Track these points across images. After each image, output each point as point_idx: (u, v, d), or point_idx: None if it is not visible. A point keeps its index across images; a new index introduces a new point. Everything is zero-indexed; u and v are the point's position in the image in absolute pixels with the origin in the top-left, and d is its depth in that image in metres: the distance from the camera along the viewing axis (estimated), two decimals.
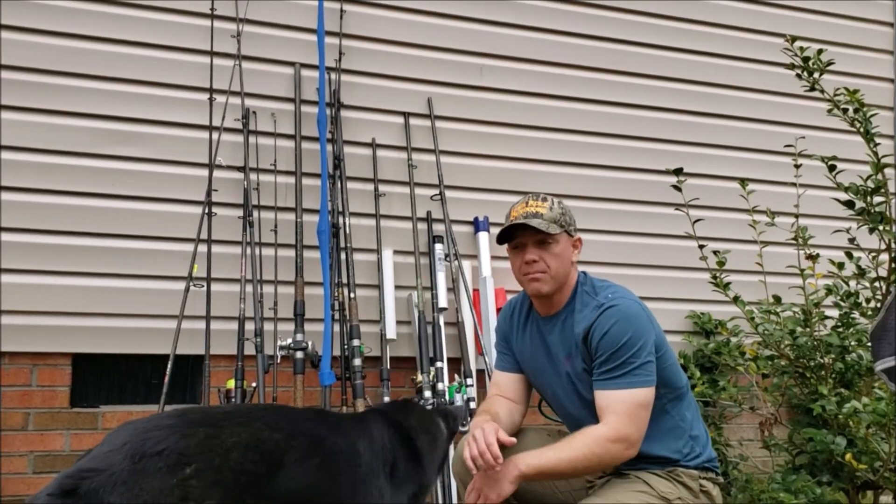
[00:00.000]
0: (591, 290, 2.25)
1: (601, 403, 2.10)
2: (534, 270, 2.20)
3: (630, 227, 3.97)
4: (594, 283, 2.28)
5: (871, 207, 2.88)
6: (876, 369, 1.98)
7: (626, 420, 2.05)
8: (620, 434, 2.04)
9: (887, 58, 4.57)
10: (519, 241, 2.24)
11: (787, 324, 3.29)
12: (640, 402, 2.07)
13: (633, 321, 2.12)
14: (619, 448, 2.05)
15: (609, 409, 2.07)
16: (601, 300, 2.18)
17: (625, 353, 2.08)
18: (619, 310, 2.13)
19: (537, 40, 3.88)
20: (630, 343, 2.08)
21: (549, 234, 2.17)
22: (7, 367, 3.08)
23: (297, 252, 3.21)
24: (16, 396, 3.08)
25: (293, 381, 2.98)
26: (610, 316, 2.12)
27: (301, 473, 1.63)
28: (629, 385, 2.07)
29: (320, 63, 3.41)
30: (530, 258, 2.20)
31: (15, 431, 3.07)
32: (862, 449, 2.87)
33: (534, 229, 2.17)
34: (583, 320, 2.18)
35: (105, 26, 3.22)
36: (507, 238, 2.26)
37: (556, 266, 2.20)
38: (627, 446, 2.05)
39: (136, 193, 3.23)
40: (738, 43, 4.24)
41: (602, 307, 2.15)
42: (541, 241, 2.20)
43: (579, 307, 2.23)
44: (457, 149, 3.69)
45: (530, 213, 2.20)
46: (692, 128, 4.13)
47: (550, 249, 2.20)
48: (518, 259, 2.25)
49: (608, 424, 2.05)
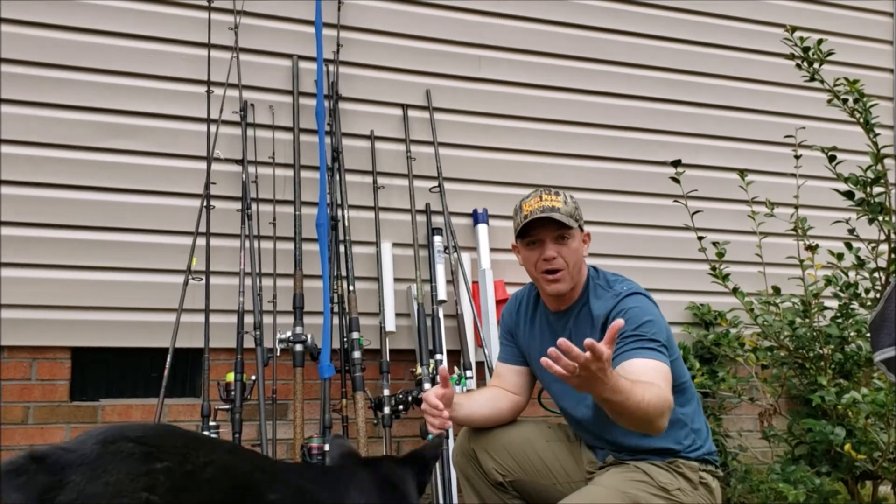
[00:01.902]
0: (604, 284, 2.25)
1: (636, 369, 1.95)
2: (553, 268, 2.18)
3: (629, 219, 3.96)
4: (607, 277, 2.29)
5: (870, 198, 2.88)
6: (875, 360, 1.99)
7: (669, 388, 1.95)
8: (670, 398, 1.92)
9: (887, 48, 4.56)
10: (535, 237, 2.20)
11: (786, 315, 3.29)
12: (669, 377, 2.00)
13: (650, 309, 2.15)
14: (665, 413, 1.89)
15: (648, 375, 1.92)
16: (619, 290, 2.19)
17: (649, 330, 2.07)
18: (638, 297, 2.16)
19: (536, 31, 3.86)
20: (652, 323, 2.09)
21: (568, 227, 2.16)
22: (6, 360, 3.08)
23: (296, 245, 3.20)
24: (15, 390, 3.08)
25: (293, 373, 2.99)
26: (631, 300, 2.14)
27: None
28: (659, 358, 2.02)
29: (318, 55, 3.40)
30: (550, 255, 2.17)
31: (15, 425, 3.07)
32: (861, 439, 2.88)
33: (555, 223, 2.15)
34: (601, 307, 2.18)
35: (101, 18, 3.20)
36: (524, 233, 2.22)
37: (573, 262, 2.19)
38: (666, 415, 1.90)
39: (134, 187, 3.22)
40: (736, 33, 4.23)
41: (621, 294, 2.17)
42: (560, 237, 2.18)
43: (593, 298, 2.22)
44: (455, 141, 3.68)
45: (547, 206, 2.17)
46: (691, 119, 4.12)
47: (568, 245, 2.18)
48: (535, 255, 2.21)
49: (662, 387, 1.91)
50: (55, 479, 1.32)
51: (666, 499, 2.10)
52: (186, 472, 1.43)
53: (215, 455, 1.50)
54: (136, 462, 1.37)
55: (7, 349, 3.08)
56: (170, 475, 1.39)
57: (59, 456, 1.35)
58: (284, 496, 1.56)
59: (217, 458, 1.50)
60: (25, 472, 1.32)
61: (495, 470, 2.32)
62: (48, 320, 3.10)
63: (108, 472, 1.34)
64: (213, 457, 1.49)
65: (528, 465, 2.32)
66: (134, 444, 1.40)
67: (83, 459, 1.35)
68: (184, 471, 1.42)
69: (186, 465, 1.43)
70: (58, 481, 1.32)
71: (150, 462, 1.38)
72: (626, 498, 2.04)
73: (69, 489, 1.31)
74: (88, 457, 1.36)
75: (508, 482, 2.33)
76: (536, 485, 2.32)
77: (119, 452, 1.37)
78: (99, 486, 1.33)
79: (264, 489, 1.54)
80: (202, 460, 1.47)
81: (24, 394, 3.09)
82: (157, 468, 1.39)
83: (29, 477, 1.32)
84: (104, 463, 1.35)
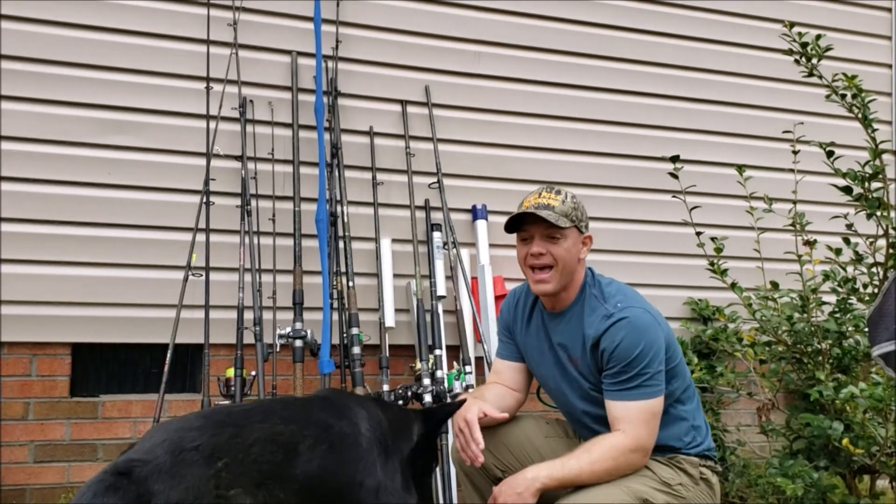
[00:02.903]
0: (599, 294, 2.23)
1: (616, 414, 2.11)
2: (539, 264, 2.19)
3: (627, 214, 3.97)
4: (602, 286, 2.25)
5: (868, 193, 2.88)
6: (873, 354, 1.99)
7: (643, 430, 2.09)
8: (639, 444, 2.09)
9: (886, 43, 4.56)
10: (527, 233, 2.21)
11: (784, 310, 3.30)
12: (654, 412, 2.10)
13: (644, 333, 2.12)
14: (637, 457, 2.10)
15: (625, 420, 2.09)
16: (610, 309, 2.16)
17: (637, 365, 2.08)
18: (628, 322, 2.12)
19: (534, 27, 3.86)
20: (641, 355, 2.09)
21: (558, 227, 2.15)
22: (7, 356, 3.08)
23: (296, 241, 3.20)
24: (16, 386, 3.09)
25: (292, 369, 2.99)
26: (620, 328, 2.11)
27: (313, 458, 1.83)
28: (643, 396, 2.09)
29: (317, 51, 3.40)
30: (536, 251, 2.18)
31: (15, 421, 3.08)
32: (859, 434, 2.88)
33: (543, 222, 2.15)
34: (591, 326, 2.17)
35: (100, 15, 3.20)
36: (514, 227, 2.24)
37: (562, 261, 2.18)
38: (644, 454, 2.11)
39: (134, 183, 3.23)
40: (735, 29, 4.23)
41: (612, 318, 2.13)
42: (549, 236, 2.18)
43: (588, 311, 2.21)
44: (454, 136, 3.69)
45: (542, 204, 2.17)
46: (690, 114, 4.12)
47: (558, 244, 2.17)
48: (524, 250, 2.23)
49: (627, 434, 2.08)
50: (143, 488, 1.58)
51: (668, 494, 2.12)
52: (239, 460, 1.70)
53: (255, 433, 1.77)
54: (202, 467, 1.65)
55: (7, 345, 3.08)
56: (229, 469, 1.67)
57: (140, 468, 1.60)
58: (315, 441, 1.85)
59: (257, 435, 1.77)
60: (120, 487, 1.57)
61: (494, 466, 2.33)
62: (48, 316, 3.11)
63: (184, 479, 1.61)
64: (255, 435, 1.76)
65: (527, 461, 2.31)
66: (195, 452, 1.66)
67: (159, 469, 1.61)
68: (237, 460, 1.70)
69: (238, 455, 1.70)
70: (146, 490, 1.58)
71: (212, 464, 1.66)
72: (630, 493, 2.06)
73: (158, 496, 1.57)
74: (163, 466, 1.61)
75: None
76: None
77: (185, 461, 1.64)
78: (181, 492, 1.60)
79: (298, 441, 1.82)
80: (248, 442, 1.74)
81: (25, 390, 3.10)
82: (219, 467, 1.66)
83: (123, 491, 1.57)
84: (178, 471, 1.62)
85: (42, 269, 3.10)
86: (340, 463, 1.90)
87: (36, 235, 3.10)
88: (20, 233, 3.08)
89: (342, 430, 1.95)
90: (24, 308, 3.08)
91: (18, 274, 3.07)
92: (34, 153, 3.11)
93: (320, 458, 1.85)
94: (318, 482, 1.82)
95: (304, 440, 1.84)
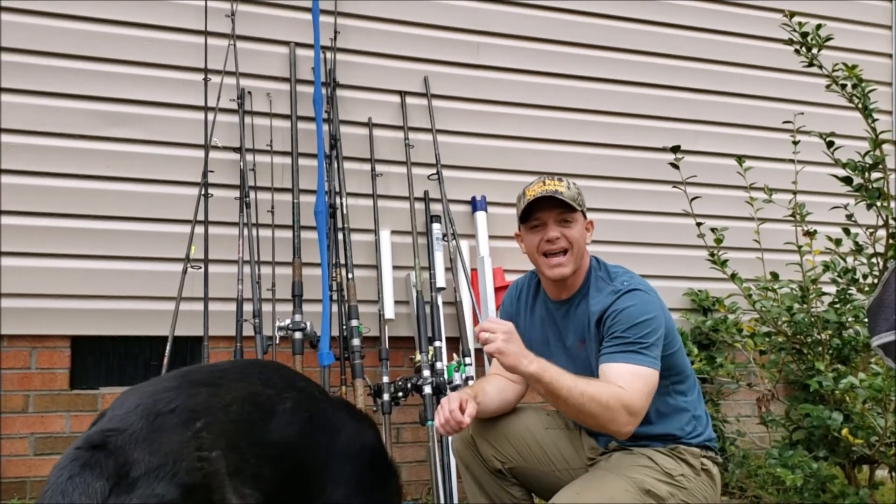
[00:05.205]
0: (605, 276, 2.24)
1: (613, 373, 2.04)
2: (555, 248, 2.18)
3: (627, 205, 3.96)
4: (608, 269, 2.27)
5: (868, 183, 2.87)
6: (873, 345, 1.99)
7: (640, 394, 2.02)
8: (634, 405, 2.00)
9: (886, 33, 4.54)
10: (538, 220, 2.21)
11: (784, 300, 3.30)
12: (651, 382, 2.06)
13: (649, 306, 2.13)
14: (624, 415, 1.98)
15: (623, 379, 2.02)
16: (618, 285, 2.17)
17: (640, 331, 2.08)
18: (637, 294, 2.14)
19: (533, 18, 3.84)
20: (645, 323, 2.08)
21: (572, 210, 2.16)
22: (6, 349, 3.08)
23: (295, 233, 3.20)
24: (15, 379, 3.09)
25: (292, 361, 2.99)
26: (628, 298, 2.13)
27: (290, 422, 1.81)
28: (643, 363, 2.06)
29: (315, 42, 3.38)
30: (553, 235, 2.17)
31: (15, 414, 3.08)
32: (858, 424, 2.89)
33: (557, 203, 2.15)
34: (598, 304, 2.17)
35: (97, 7, 3.19)
36: (526, 216, 2.22)
37: (576, 244, 2.19)
38: (629, 421, 2.00)
39: (132, 175, 3.22)
40: (735, 18, 4.21)
41: (619, 291, 2.15)
42: (563, 220, 2.18)
43: (594, 292, 2.21)
44: (454, 128, 3.68)
45: (550, 190, 2.17)
46: (690, 105, 4.11)
47: (572, 227, 2.19)
48: (537, 237, 2.21)
49: (626, 390, 2.00)
50: (121, 459, 1.52)
51: (670, 484, 2.11)
52: (219, 420, 1.67)
53: (233, 392, 1.75)
54: (181, 429, 1.59)
55: (7, 338, 3.09)
56: (209, 429, 1.63)
57: (115, 437, 1.54)
58: (295, 402, 1.84)
59: (235, 395, 1.74)
60: (97, 462, 1.50)
61: (494, 457, 2.33)
62: (48, 309, 3.11)
63: (163, 443, 1.55)
64: (232, 395, 1.74)
65: (527, 453, 2.32)
66: (172, 415, 1.60)
67: (136, 436, 1.55)
68: (217, 419, 1.66)
69: (218, 415, 1.67)
70: (125, 461, 1.52)
71: (190, 425, 1.61)
72: (632, 483, 2.06)
73: (138, 465, 1.52)
74: (140, 433, 1.56)
75: (507, 469, 2.33)
76: (535, 472, 2.32)
77: (163, 426, 1.58)
78: (161, 457, 1.54)
79: (277, 402, 1.81)
80: (226, 402, 1.71)
81: (24, 382, 3.10)
82: (198, 427, 1.62)
83: (101, 466, 1.50)
84: (156, 437, 1.56)
85: (41, 262, 3.10)
86: (314, 440, 1.86)
87: (35, 228, 3.10)
88: (18, 225, 3.08)
89: (327, 410, 1.93)
90: (24, 301, 3.08)
91: (17, 267, 3.07)
92: (32, 145, 3.10)
93: (298, 424, 1.82)
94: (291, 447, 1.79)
95: (282, 403, 1.80)
